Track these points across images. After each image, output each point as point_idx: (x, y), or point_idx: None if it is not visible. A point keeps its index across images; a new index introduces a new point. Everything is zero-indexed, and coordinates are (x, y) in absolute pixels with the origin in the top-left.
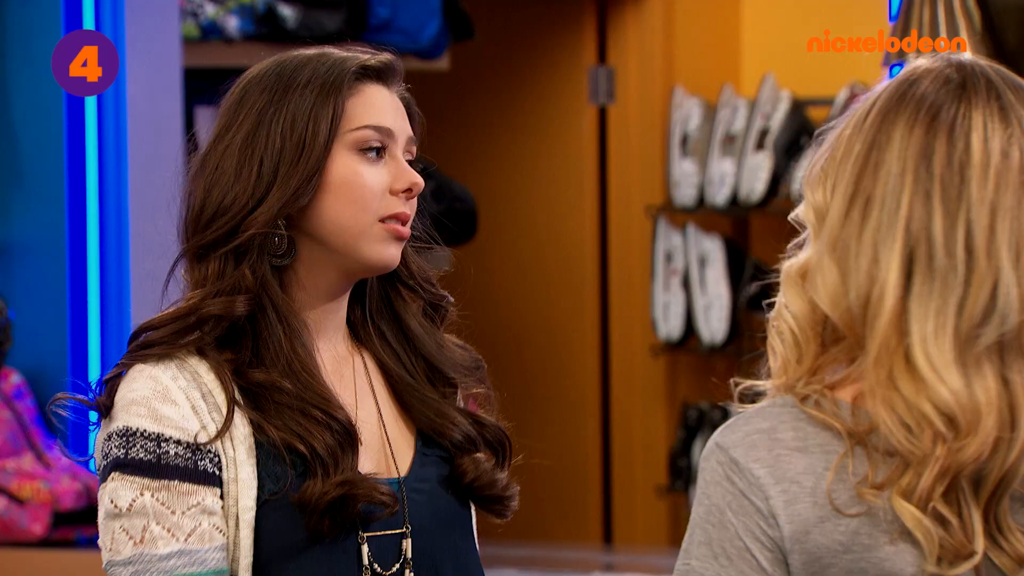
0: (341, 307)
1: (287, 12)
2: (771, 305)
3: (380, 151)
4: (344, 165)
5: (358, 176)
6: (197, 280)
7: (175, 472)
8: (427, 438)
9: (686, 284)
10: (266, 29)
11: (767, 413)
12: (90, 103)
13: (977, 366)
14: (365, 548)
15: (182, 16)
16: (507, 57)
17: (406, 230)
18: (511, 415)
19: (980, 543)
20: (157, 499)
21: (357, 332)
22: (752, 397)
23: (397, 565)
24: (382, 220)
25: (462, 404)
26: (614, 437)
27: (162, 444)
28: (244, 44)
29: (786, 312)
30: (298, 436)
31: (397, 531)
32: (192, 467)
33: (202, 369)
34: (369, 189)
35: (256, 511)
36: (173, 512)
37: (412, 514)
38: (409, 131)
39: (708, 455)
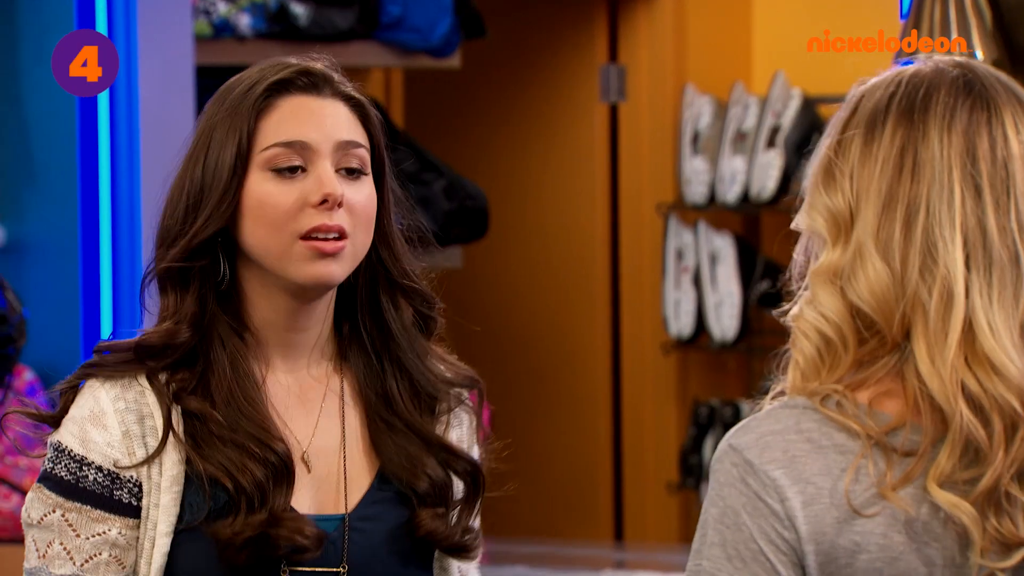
0: (310, 326)
1: (299, 10)
2: (775, 301)
3: (298, 168)
4: (256, 187)
5: (266, 196)
6: (161, 306)
7: (89, 497)
8: (387, 478)
9: (697, 281)
10: (278, 27)
11: (780, 414)
12: (102, 101)
13: None
14: None
15: (194, 14)
16: (518, 55)
17: (332, 244)
18: (522, 413)
19: None
20: (66, 519)
21: (345, 351)
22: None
23: None
24: (304, 237)
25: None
26: (625, 434)
27: (83, 467)
28: (256, 42)
29: (813, 312)
30: (224, 470)
31: (332, 569)
32: (107, 495)
33: (147, 391)
34: (279, 208)
35: (173, 538)
36: (78, 535)
37: (352, 552)
38: (341, 136)
39: (721, 457)
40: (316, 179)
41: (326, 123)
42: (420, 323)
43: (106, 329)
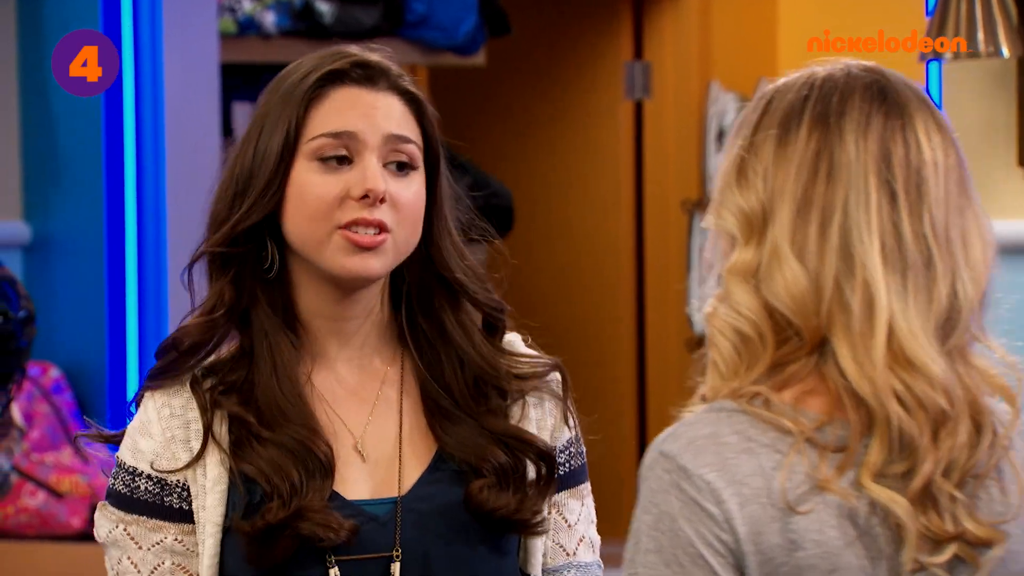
0: (357, 315)
1: (324, 8)
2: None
3: (346, 158)
4: (301, 175)
5: (310, 186)
6: (208, 292)
7: (144, 507)
8: (446, 458)
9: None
10: (303, 25)
11: (708, 418)
12: (128, 99)
13: (948, 358)
14: (334, 572)
15: (220, 12)
16: (543, 52)
17: (369, 238)
18: None
19: (957, 528)
20: (128, 533)
21: (405, 340)
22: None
23: None
24: (342, 228)
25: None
26: (650, 431)
27: (136, 479)
28: (281, 40)
29: (728, 310)
30: (261, 471)
31: (384, 554)
32: (159, 503)
33: (192, 397)
34: (320, 199)
35: (221, 538)
36: (140, 547)
37: (405, 535)
38: (390, 129)
39: (652, 464)
40: (360, 173)
41: (376, 115)
42: (486, 326)
43: (132, 326)
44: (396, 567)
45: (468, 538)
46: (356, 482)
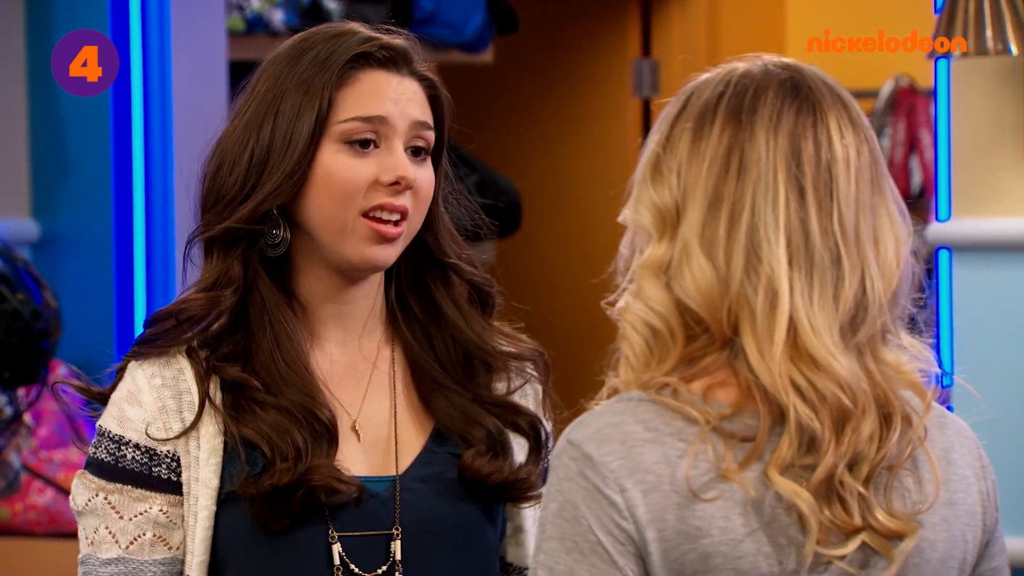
0: (359, 299)
1: (332, 5)
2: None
3: (371, 142)
4: (329, 158)
5: (339, 170)
6: (204, 268)
7: (129, 476)
8: (443, 436)
9: None
10: (311, 22)
11: (616, 407)
12: (136, 96)
13: (856, 353)
14: (337, 547)
15: (228, 9)
16: (551, 50)
17: (393, 229)
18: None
19: (864, 520)
20: (109, 502)
21: (395, 322)
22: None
23: (384, 567)
24: (366, 215)
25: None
26: None
27: (121, 447)
28: (289, 37)
29: (639, 305)
30: (263, 435)
31: (384, 532)
32: (146, 473)
33: (185, 366)
34: (350, 182)
35: (217, 510)
36: (121, 516)
37: (404, 513)
38: (416, 116)
39: (560, 453)
40: (390, 158)
41: (403, 101)
42: (478, 301)
43: (140, 324)
44: (396, 544)
45: (467, 516)
46: (355, 461)
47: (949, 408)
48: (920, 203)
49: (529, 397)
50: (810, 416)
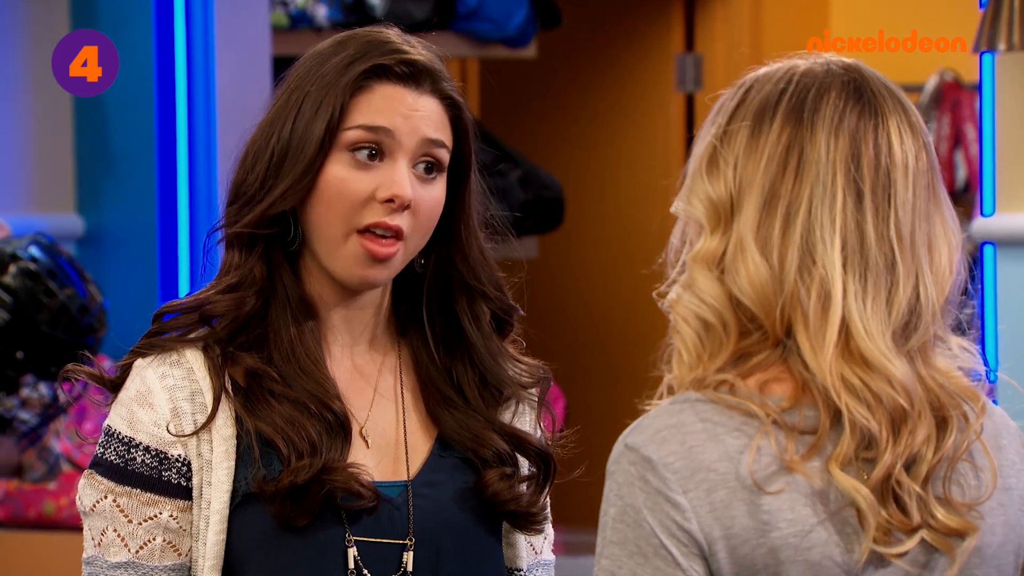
0: (364, 306)
1: (375, 1)
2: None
3: (376, 155)
4: (334, 167)
5: (339, 180)
6: (223, 263)
7: (138, 480)
8: (447, 443)
9: None
10: (355, 17)
11: (672, 409)
12: (180, 92)
13: (908, 359)
14: (352, 551)
15: (271, 5)
16: (594, 45)
17: (384, 249)
18: (596, 403)
19: (923, 519)
20: (118, 504)
21: (403, 330)
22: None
23: None
24: (361, 232)
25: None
26: None
27: (131, 450)
28: (333, 33)
29: (691, 297)
30: (278, 428)
31: (398, 541)
32: (156, 477)
33: (197, 365)
34: (345, 195)
35: (229, 515)
36: (130, 520)
37: (418, 521)
38: (427, 134)
39: (618, 458)
40: (389, 175)
41: (415, 118)
42: (496, 324)
43: None
44: (409, 556)
45: (477, 526)
46: (365, 466)
47: (994, 402)
48: (965, 198)
49: (526, 416)
50: (866, 416)
